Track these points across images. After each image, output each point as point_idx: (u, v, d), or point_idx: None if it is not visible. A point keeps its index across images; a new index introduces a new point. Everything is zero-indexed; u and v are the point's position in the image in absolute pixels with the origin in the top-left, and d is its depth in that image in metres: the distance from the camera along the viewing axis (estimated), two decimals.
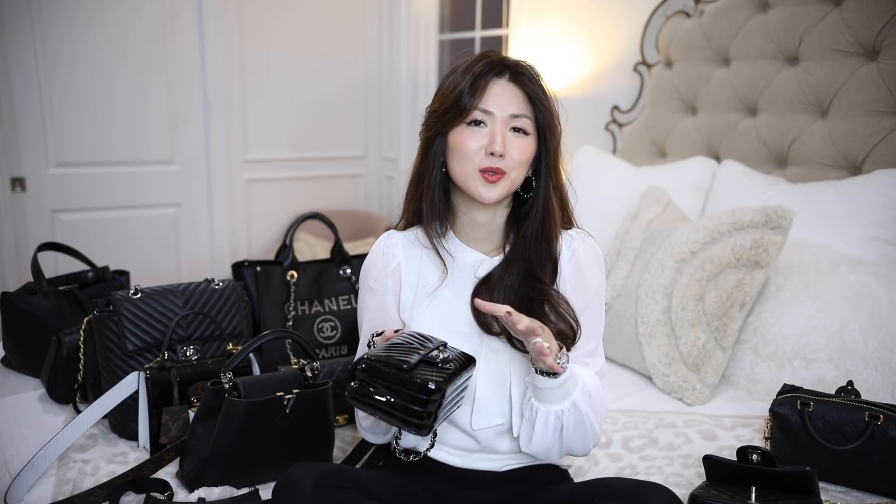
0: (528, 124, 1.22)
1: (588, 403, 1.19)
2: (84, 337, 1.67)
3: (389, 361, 1.04)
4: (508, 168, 1.21)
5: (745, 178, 2.28)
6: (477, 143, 1.20)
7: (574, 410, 1.17)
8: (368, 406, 1.06)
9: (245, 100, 3.56)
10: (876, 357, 1.67)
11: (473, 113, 1.21)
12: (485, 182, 1.21)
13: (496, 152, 1.19)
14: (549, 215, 1.25)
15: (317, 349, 1.90)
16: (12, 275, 3.03)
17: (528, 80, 1.23)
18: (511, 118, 1.21)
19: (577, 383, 1.18)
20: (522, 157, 1.22)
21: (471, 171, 1.21)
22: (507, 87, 1.22)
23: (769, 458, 1.27)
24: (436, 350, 1.09)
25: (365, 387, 1.05)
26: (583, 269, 1.28)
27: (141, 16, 3.21)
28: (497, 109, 1.21)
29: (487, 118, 1.21)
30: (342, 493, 1.10)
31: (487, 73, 1.21)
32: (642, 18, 2.78)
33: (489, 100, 1.21)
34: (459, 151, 1.22)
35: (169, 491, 1.35)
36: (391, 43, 3.87)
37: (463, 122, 1.21)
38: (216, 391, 1.38)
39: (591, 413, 1.20)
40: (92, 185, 3.23)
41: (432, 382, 1.02)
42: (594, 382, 1.23)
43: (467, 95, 1.20)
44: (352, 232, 3.61)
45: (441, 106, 1.23)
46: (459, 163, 1.22)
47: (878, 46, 2.06)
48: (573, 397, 1.17)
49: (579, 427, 1.19)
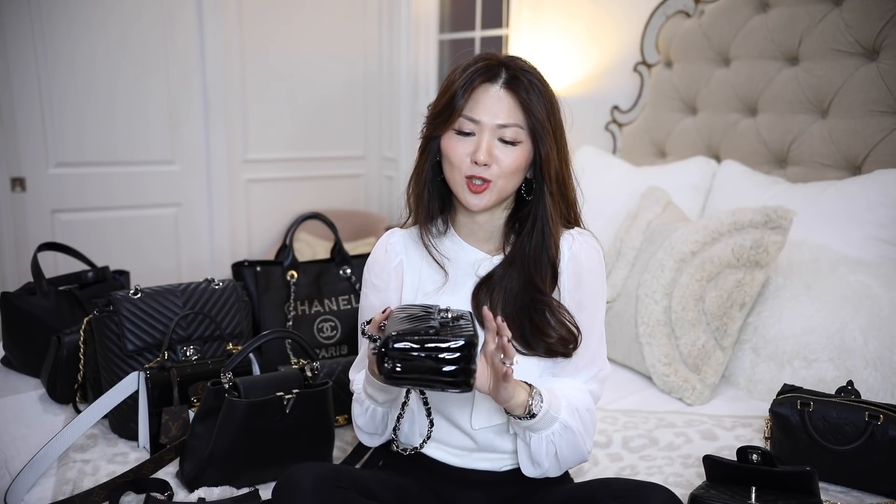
0: (518, 133, 1.20)
1: (578, 420, 1.19)
2: (84, 337, 1.67)
3: (417, 330, 1.04)
4: (494, 177, 1.19)
5: (745, 178, 2.28)
6: (464, 150, 1.19)
7: (565, 431, 1.18)
8: (408, 380, 1.04)
9: (245, 100, 3.56)
10: (876, 357, 1.67)
11: (459, 121, 1.19)
12: (470, 191, 1.20)
13: (479, 161, 1.17)
14: (547, 224, 1.24)
15: (317, 349, 1.90)
16: (12, 275, 3.04)
17: (523, 87, 1.19)
18: (498, 128, 1.19)
19: (559, 406, 1.17)
20: (511, 166, 1.20)
21: (458, 179, 1.21)
22: (497, 94, 1.19)
23: (769, 458, 1.27)
24: (443, 312, 1.10)
25: (402, 362, 1.03)
26: (582, 272, 1.27)
27: (141, 16, 3.21)
28: (485, 118, 1.19)
29: (475, 126, 1.19)
30: (342, 493, 1.10)
31: (479, 78, 1.19)
32: (642, 18, 2.78)
33: (476, 107, 1.19)
34: (448, 157, 1.21)
35: (169, 491, 1.35)
36: (391, 43, 3.87)
37: (451, 128, 1.20)
38: (216, 391, 1.38)
39: (582, 428, 1.20)
40: (92, 185, 3.23)
41: (464, 338, 1.02)
42: (580, 397, 1.23)
43: (456, 100, 1.18)
44: (352, 232, 3.61)
45: (436, 108, 1.23)
46: (449, 168, 1.22)
47: (878, 46, 2.06)
48: (560, 419, 1.17)
49: (572, 445, 1.20)
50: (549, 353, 1.23)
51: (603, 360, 1.30)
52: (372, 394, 1.24)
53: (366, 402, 1.26)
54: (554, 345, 1.21)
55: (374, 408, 1.26)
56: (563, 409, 1.18)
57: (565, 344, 1.22)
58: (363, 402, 1.27)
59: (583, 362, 1.26)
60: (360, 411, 1.29)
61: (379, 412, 1.27)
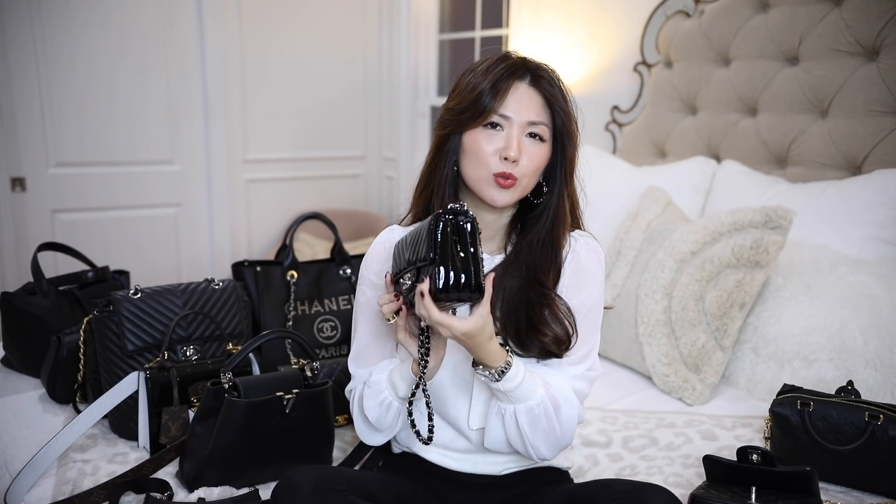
0: (544, 131, 1.20)
1: (529, 422, 1.18)
2: (84, 337, 1.67)
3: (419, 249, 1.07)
4: (520, 175, 1.19)
5: (745, 178, 2.28)
6: (492, 147, 1.19)
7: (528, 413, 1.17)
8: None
9: (245, 100, 3.56)
10: (876, 357, 1.67)
11: (492, 116, 1.19)
12: (498, 187, 1.19)
13: (511, 157, 1.17)
14: (559, 222, 1.24)
15: (317, 349, 1.90)
16: (12, 275, 3.04)
17: (548, 83, 1.21)
18: (528, 124, 1.19)
19: (525, 399, 1.17)
20: (535, 164, 1.20)
21: (484, 175, 1.20)
22: (526, 91, 1.20)
23: (769, 458, 1.27)
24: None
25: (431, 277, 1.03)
26: (583, 272, 1.27)
27: (141, 16, 3.21)
28: (515, 114, 1.19)
29: (505, 122, 1.19)
30: (341, 496, 1.10)
31: (510, 77, 1.19)
32: (642, 18, 2.78)
33: (508, 104, 1.19)
34: (474, 153, 1.20)
35: (169, 491, 1.35)
36: (391, 43, 3.87)
37: (480, 124, 1.20)
38: (216, 391, 1.38)
39: (537, 433, 1.19)
40: (92, 185, 3.23)
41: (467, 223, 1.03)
42: (562, 391, 1.22)
43: (487, 97, 1.18)
44: (352, 232, 3.62)
45: (458, 105, 1.21)
46: (473, 165, 1.21)
47: (878, 46, 2.06)
48: (515, 406, 1.17)
49: (517, 435, 1.19)
50: (543, 355, 1.22)
51: (594, 360, 1.29)
52: (396, 383, 1.23)
53: (384, 392, 1.24)
54: (548, 344, 1.21)
55: (390, 401, 1.24)
56: (533, 398, 1.17)
57: (559, 343, 1.21)
58: (381, 394, 1.24)
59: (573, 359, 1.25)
60: (372, 404, 1.26)
61: (394, 406, 1.25)
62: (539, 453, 1.21)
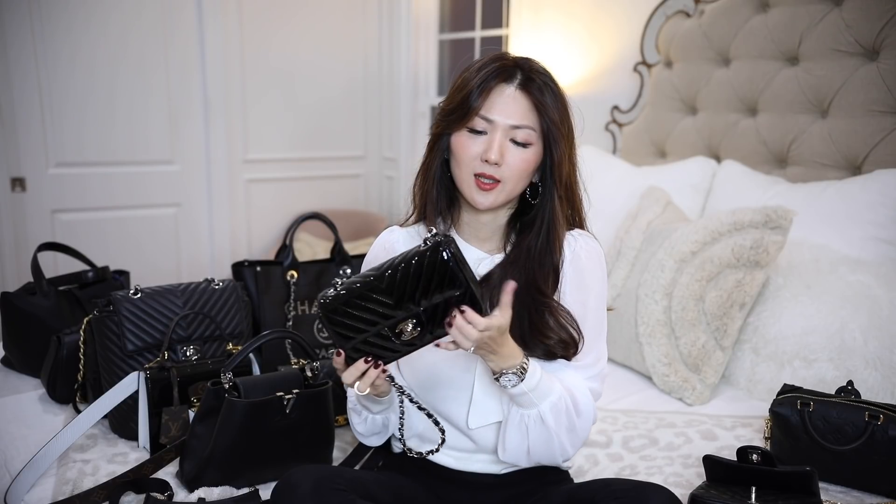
0: (530, 135, 1.20)
1: (561, 416, 1.18)
2: (84, 337, 1.67)
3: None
4: (504, 177, 1.19)
5: (745, 178, 2.28)
6: (475, 149, 1.20)
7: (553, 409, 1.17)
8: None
9: (245, 100, 3.56)
10: (876, 357, 1.67)
11: (475, 119, 1.19)
12: (479, 189, 1.20)
13: (490, 160, 1.17)
14: (554, 227, 1.24)
15: (317, 349, 1.90)
16: (12, 275, 3.04)
17: (538, 88, 1.20)
18: (512, 129, 1.19)
19: (547, 394, 1.17)
20: (519, 167, 1.20)
21: (467, 176, 1.21)
22: (512, 95, 1.19)
23: (769, 458, 1.27)
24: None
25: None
26: (584, 273, 1.27)
27: (141, 16, 3.21)
28: (499, 117, 1.19)
29: (488, 126, 1.19)
30: (341, 496, 1.10)
31: (495, 79, 1.19)
32: (642, 18, 2.78)
33: (492, 107, 1.19)
34: (458, 155, 1.21)
35: (169, 491, 1.35)
36: (391, 43, 3.87)
37: (465, 126, 1.20)
38: (216, 391, 1.38)
39: (561, 430, 1.19)
40: (92, 185, 3.23)
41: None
42: (574, 384, 1.22)
43: (474, 96, 1.18)
44: (352, 232, 3.61)
45: (449, 105, 1.23)
46: (457, 166, 1.22)
47: (878, 46, 2.06)
48: (545, 404, 1.17)
49: (543, 438, 1.19)
50: (548, 356, 1.22)
51: (604, 359, 1.30)
52: (366, 405, 1.26)
53: (363, 412, 1.29)
54: (553, 347, 1.21)
55: (371, 416, 1.28)
56: (554, 392, 1.17)
57: (565, 347, 1.22)
58: (360, 413, 1.29)
59: (586, 360, 1.26)
60: (358, 420, 1.31)
61: (378, 420, 1.29)
62: (565, 452, 1.23)
